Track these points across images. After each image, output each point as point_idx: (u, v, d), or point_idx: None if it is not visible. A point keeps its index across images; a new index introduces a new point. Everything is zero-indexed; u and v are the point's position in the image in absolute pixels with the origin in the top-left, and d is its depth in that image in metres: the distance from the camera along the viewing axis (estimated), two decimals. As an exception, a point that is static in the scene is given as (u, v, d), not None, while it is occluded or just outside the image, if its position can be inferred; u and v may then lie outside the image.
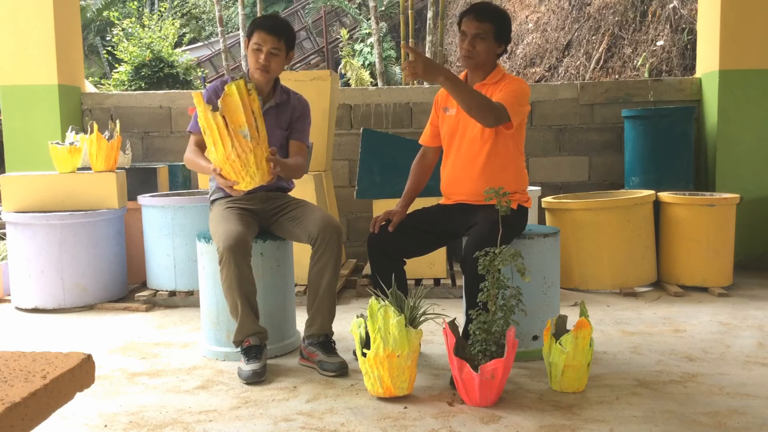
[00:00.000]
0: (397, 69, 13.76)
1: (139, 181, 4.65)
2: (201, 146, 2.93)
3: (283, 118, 3.09)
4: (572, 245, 4.27)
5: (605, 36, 9.06)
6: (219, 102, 2.56)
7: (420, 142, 3.19)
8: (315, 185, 4.25)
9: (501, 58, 3.03)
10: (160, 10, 17.06)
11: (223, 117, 2.53)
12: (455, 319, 2.64)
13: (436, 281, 4.31)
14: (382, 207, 4.10)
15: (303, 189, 3.93)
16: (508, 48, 3.24)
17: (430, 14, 10.61)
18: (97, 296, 4.14)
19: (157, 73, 10.95)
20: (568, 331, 2.58)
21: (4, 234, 4.39)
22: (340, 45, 14.25)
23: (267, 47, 2.91)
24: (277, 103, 3.07)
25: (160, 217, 4.18)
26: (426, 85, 5.78)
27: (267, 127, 2.91)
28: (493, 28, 2.86)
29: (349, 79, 11.99)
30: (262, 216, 3.05)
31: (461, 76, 3.04)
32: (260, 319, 2.90)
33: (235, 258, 2.73)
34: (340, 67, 12.77)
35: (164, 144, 5.49)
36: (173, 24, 13.40)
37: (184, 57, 11.81)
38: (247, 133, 2.54)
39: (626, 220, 4.26)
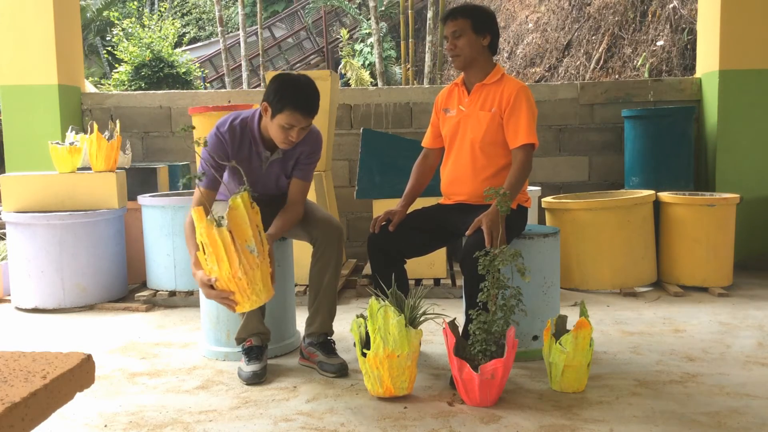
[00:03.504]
0: (397, 69, 13.76)
1: (139, 181, 4.65)
2: (204, 210, 2.70)
3: (288, 164, 2.90)
4: (572, 245, 4.27)
5: (605, 36, 9.06)
6: (225, 216, 2.38)
7: (423, 144, 3.20)
8: (315, 185, 4.25)
9: (498, 55, 3.06)
10: (160, 10, 17.07)
11: (230, 232, 2.35)
12: (455, 319, 2.65)
13: (436, 281, 4.31)
14: (382, 207, 4.11)
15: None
16: (505, 46, 3.25)
17: (430, 14, 10.61)
18: (97, 296, 4.14)
19: (157, 73, 10.97)
20: (568, 331, 2.58)
21: (4, 234, 4.39)
22: (340, 45, 14.26)
23: (299, 126, 2.68)
24: (284, 152, 2.86)
25: (160, 217, 4.18)
26: (426, 84, 5.78)
27: (272, 176, 2.88)
28: (467, 21, 2.88)
29: (349, 79, 12.00)
30: (264, 215, 3.04)
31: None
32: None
33: None
34: (340, 67, 12.77)
35: (164, 144, 5.49)
36: (173, 24, 13.40)
37: (184, 57, 11.82)
38: (254, 248, 2.37)
39: (626, 220, 4.26)
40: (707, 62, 5.16)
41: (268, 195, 2.95)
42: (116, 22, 13.80)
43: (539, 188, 4.92)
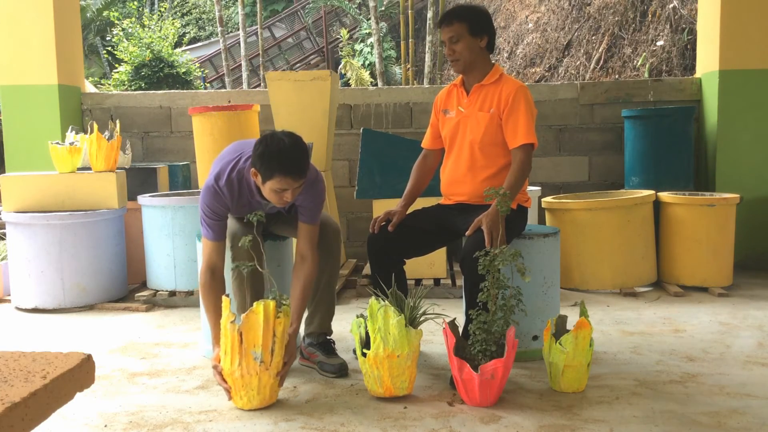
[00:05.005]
0: (397, 69, 13.76)
1: (139, 181, 4.65)
2: (218, 271, 2.72)
3: (286, 206, 2.84)
4: (572, 245, 4.27)
5: (605, 36, 9.06)
6: (242, 316, 2.43)
7: (422, 145, 3.20)
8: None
9: (496, 54, 3.05)
10: (160, 10, 17.07)
11: (240, 333, 2.41)
12: (455, 319, 2.65)
13: (436, 281, 4.31)
14: (382, 207, 4.10)
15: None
16: (505, 46, 3.25)
17: (430, 14, 10.61)
18: (97, 296, 4.14)
19: (157, 73, 10.96)
20: (568, 331, 2.58)
21: (4, 234, 4.39)
22: (340, 45, 14.25)
23: (292, 187, 2.57)
24: None
25: (160, 217, 4.18)
26: (426, 84, 5.78)
27: (272, 212, 2.86)
28: (464, 25, 2.87)
29: (349, 79, 11.99)
30: (272, 222, 3.04)
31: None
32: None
33: (249, 258, 2.72)
34: (340, 67, 12.76)
35: (164, 144, 5.49)
36: (173, 24, 13.40)
37: (184, 57, 11.82)
38: (259, 356, 2.41)
39: (626, 220, 4.26)
40: (707, 62, 5.16)
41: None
42: (116, 22, 13.79)
43: (539, 188, 4.91)
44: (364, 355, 2.52)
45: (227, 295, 2.54)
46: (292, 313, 2.68)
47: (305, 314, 2.99)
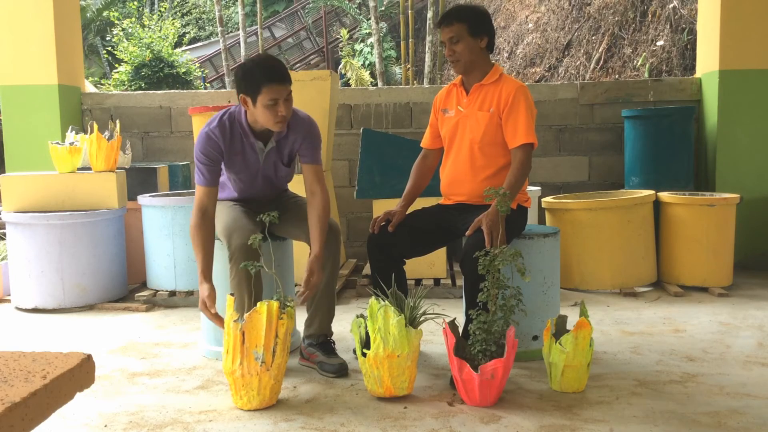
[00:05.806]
0: (397, 69, 13.76)
1: (139, 181, 4.65)
2: (209, 213, 2.76)
3: (284, 152, 2.91)
4: (572, 245, 4.27)
5: (605, 36, 9.06)
6: (245, 315, 2.43)
7: (422, 145, 3.19)
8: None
9: (496, 54, 3.05)
10: (160, 10, 17.07)
11: (243, 333, 2.42)
12: (455, 319, 2.65)
13: (436, 281, 4.31)
14: (382, 207, 4.11)
15: (303, 189, 3.92)
16: (505, 46, 3.23)
17: (430, 14, 10.62)
18: (97, 296, 4.14)
19: (157, 73, 10.97)
20: (568, 331, 2.58)
21: (4, 234, 4.39)
22: (340, 45, 14.25)
23: (282, 97, 2.64)
24: (277, 141, 2.87)
25: (160, 217, 4.18)
26: (426, 84, 5.78)
27: (269, 165, 2.89)
28: (463, 26, 2.87)
29: (349, 79, 11.99)
30: (269, 209, 3.04)
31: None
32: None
33: (246, 256, 2.73)
34: (340, 67, 12.77)
35: (164, 144, 5.49)
36: (173, 24, 13.40)
37: (184, 57, 11.83)
38: (260, 357, 2.41)
39: (626, 220, 4.26)
40: (707, 62, 5.16)
41: (267, 197, 2.98)
42: (116, 22, 13.80)
43: (539, 188, 4.92)
44: (364, 355, 2.52)
45: (231, 294, 2.56)
46: (314, 239, 2.78)
47: (305, 316, 2.99)
